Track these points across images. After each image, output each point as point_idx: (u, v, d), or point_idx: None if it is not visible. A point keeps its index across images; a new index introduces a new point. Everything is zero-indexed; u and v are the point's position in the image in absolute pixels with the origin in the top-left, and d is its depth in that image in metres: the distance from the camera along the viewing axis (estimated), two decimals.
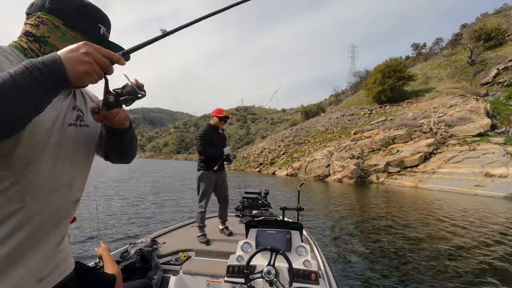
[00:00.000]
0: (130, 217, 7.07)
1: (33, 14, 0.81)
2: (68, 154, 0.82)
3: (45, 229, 0.77)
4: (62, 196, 0.81)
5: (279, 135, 43.26)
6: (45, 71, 0.58)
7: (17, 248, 0.70)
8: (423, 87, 35.76)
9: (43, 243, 0.77)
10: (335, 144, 25.79)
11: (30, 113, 0.60)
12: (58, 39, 0.81)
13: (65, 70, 0.61)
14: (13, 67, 0.58)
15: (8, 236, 0.68)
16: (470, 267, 4.18)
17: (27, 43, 0.80)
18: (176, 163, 58.01)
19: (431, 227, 6.65)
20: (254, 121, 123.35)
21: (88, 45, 0.65)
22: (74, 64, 0.62)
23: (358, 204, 10.17)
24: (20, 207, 0.70)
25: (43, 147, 0.74)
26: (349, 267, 4.17)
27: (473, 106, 21.50)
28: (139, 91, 0.77)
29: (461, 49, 38.41)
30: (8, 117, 0.55)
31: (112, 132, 0.90)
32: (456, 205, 9.82)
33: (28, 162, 0.71)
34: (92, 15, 0.86)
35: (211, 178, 3.55)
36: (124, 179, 16.74)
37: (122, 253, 2.45)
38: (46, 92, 0.60)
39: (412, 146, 19.06)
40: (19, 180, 0.69)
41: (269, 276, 1.73)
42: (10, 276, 0.69)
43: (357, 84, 53.13)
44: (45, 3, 0.80)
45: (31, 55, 0.79)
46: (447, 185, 13.82)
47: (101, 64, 0.66)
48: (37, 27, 0.80)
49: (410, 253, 4.82)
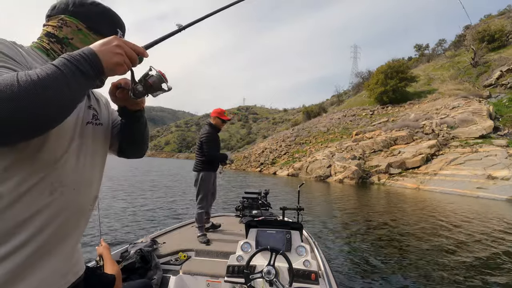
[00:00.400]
0: (132, 216, 7.07)
1: (56, 16, 0.83)
2: (88, 151, 0.86)
3: (69, 225, 0.80)
4: (85, 192, 0.85)
5: (280, 135, 43.22)
6: (84, 62, 0.61)
7: (46, 243, 0.72)
8: (425, 88, 35.61)
9: (67, 239, 0.80)
10: (337, 145, 25.74)
11: (75, 101, 0.63)
12: (80, 41, 0.84)
13: (101, 61, 0.64)
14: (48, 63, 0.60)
15: (40, 230, 0.71)
16: (472, 271, 4.16)
17: (49, 44, 0.82)
18: (178, 162, 58.05)
19: (433, 229, 6.61)
20: (256, 121, 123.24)
21: (118, 39, 0.69)
22: (108, 55, 0.66)
23: (359, 204, 10.14)
24: (50, 202, 0.73)
25: (68, 144, 0.78)
26: (349, 267, 4.16)
27: (475, 108, 21.38)
28: (165, 83, 0.81)
29: (464, 51, 38.20)
30: (56, 107, 0.57)
31: (128, 116, 0.95)
32: (458, 207, 9.78)
33: (55, 158, 0.74)
34: (112, 20, 0.90)
35: (212, 179, 3.60)
36: (126, 177, 16.78)
37: (122, 253, 2.45)
38: (87, 82, 0.63)
39: (414, 147, 18.97)
40: (48, 175, 0.72)
41: (269, 276, 1.73)
42: (40, 269, 0.72)
43: (359, 85, 52.99)
44: (69, 6, 0.83)
45: (53, 56, 0.81)
46: (449, 187, 13.76)
47: (130, 56, 0.70)
48: (60, 29, 0.83)
49: (410, 253, 4.80)
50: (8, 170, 0.65)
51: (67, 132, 0.78)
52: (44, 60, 0.78)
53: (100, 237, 2.11)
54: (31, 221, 0.69)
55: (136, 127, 0.99)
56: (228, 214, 4.55)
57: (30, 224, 0.69)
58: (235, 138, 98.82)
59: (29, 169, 0.69)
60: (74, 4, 0.83)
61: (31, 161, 0.69)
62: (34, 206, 0.69)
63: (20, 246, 0.67)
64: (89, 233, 4.98)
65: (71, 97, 0.61)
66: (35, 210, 0.70)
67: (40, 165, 0.70)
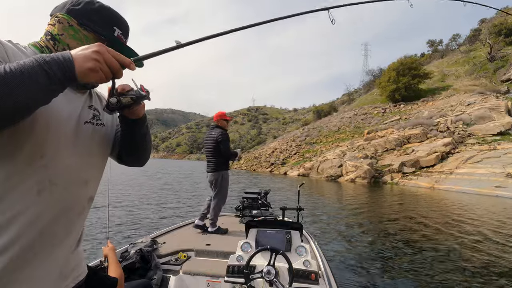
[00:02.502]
0: (139, 217, 7.12)
1: (54, 14, 0.86)
2: (85, 150, 0.85)
3: (59, 226, 0.78)
4: (78, 192, 0.83)
5: (290, 135, 43.06)
6: (53, 64, 0.61)
7: (31, 246, 0.70)
8: (439, 85, 34.72)
9: (59, 242, 0.78)
10: (348, 144, 25.37)
11: (34, 102, 0.61)
12: (70, 37, 0.85)
13: (73, 65, 0.63)
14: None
15: (24, 232, 0.69)
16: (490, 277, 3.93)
17: (45, 41, 0.84)
18: (190, 164, 58.70)
19: (445, 229, 6.36)
20: (266, 121, 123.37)
21: (99, 46, 0.67)
22: (82, 60, 0.64)
23: (366, 204, 9.91)
24: (37, 201, 0.71)
25: (58, 141, 0.76)
26: (349, 267, 4.09)
27: (493, 104, 20.66)
28: (141, 96, 0.79)
29: (479, 45, 37.09)
30: (9, 104, 0.56)
31: (126, 123, 0.93)
32: (478, 207, 9.40)
33: (43, 156, 0.72)
34: (107, 17, 0.89)
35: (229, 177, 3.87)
36: (138, 179, 17.04)
37: (122, 253, 2.45)
38: (50, 83, 0.61)
39: (428, 145, 18.45)
40: (34, 173, 0.71)
41: (269, 276, 1.72)
42: (27, 274, 0.70)
43: (371, 83, 52.29)
44: (66, 4, 0.86)
45: (47, 52, 0.82)
46: (466, 185, 13.27)
47: (111, 65, 0.68)
48: (54, 26, 0.85)
49: (412, 254, 4.63)
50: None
51: (59, 129, 0.76)
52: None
53: (107, 238, 2.11)
54: (14, 221, 0.67)
55: (135, 135, 0.97)
56: (228, 214, 4.54)
57: (13, 225, 0.67)
58: (245, 139, 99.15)
59: (12, 167, 0.67)
60: (71, 3, 0.85)
61: (13, 158, 0.67)
62: (18, 205, 0.67)
63: (3, 248, 0.65)
64: (97, 233, 5.01)
65: (26, 95, 0.58)
66: (19, 210, 0.67)
67: (25, 162, 0.69)
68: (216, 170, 3.69)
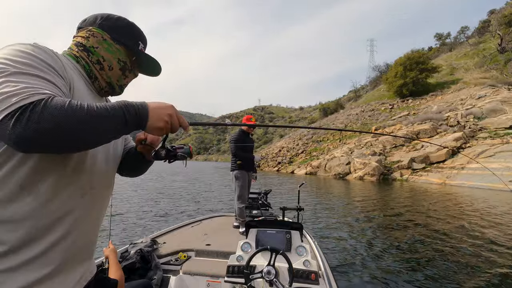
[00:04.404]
0: (141, 218, 7.12)
1: (85, 28, 0.93)
2: (110, 156, 0.95)
3: (95, 225, 0.88)
4: (107, 195, 0.95)
5: (297, 134, 42.86)
6: (134, 114, 0.70)
7: (74, 241, 0.78)
8: (448, 78, 34.03)
9: (92, 238, 0.88)
10: (355, 141, 25.07)
11: (105, 141, 0.71)
12: (105, 50, 0.91)
13: (147, 119, 0.73)
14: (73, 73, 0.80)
15: (71, 228, 0.76)
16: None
17: (78, 52, 0.90)
18: (197, 164, 58.99)
19: (458, 226, 6.16)
20: (272, 120, 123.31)
21: (173, 109, 0.79)
22: (156, 119, 0.75)
23: (373, 202, 9.70)
24: (80, 202, 0.79)
25: (96, 149, 0.83)
26: (349, 267, 3.99)
27: (505, 96, 20.09)
28: (187, 155, 0.91)
29: (489, 37, 36.19)
30: (87, 137, 0.64)
31: (142, 159, 1.06)
32: (493, 202, 9.12)
33: (85, 162, 0.80)
34: (134, 33, 0.98)
35: (246, 177, 3.98)
36: (140, 178, 17.15)
37: (122, 253, 2.44)
38: (125, 128, 0.70)
39: (438, 141, 18.05)
40: (80, 178, 0.78)
41: (269, 276, 1.72)
42: (72, 263, 0.79)
43: (377, 79, 51.67)
44: (97, 19, 0.93)
45: (82, 62, 0.90)
46: (479, 181, 12.93)
47: (174, 125, 0.80)
48: (87, 39, 0.91)
49: (415, 254, 4.47)
50: (41, 172, 0.69)
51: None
52: (75, 66, 0.86)
53: (109, 239, 2.10)
54: (63, 221, 0.74)
55: (141, 165, 1.11)
56: (228, 214, 4.53)
57: (62, 223, 0.74)
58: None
59: (62, 172, 0.73)
60: (102, 18, 0.93)
61: (64, 166, 0.74)
62: (67, 206, 0.74)
63: (55, 242, 0.72)
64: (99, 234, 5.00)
65: (107, 134, 0.68)
66: (66, 210, 0.74)
67: (72, 168, 0.75)
68: (231, 170, 4.00)
